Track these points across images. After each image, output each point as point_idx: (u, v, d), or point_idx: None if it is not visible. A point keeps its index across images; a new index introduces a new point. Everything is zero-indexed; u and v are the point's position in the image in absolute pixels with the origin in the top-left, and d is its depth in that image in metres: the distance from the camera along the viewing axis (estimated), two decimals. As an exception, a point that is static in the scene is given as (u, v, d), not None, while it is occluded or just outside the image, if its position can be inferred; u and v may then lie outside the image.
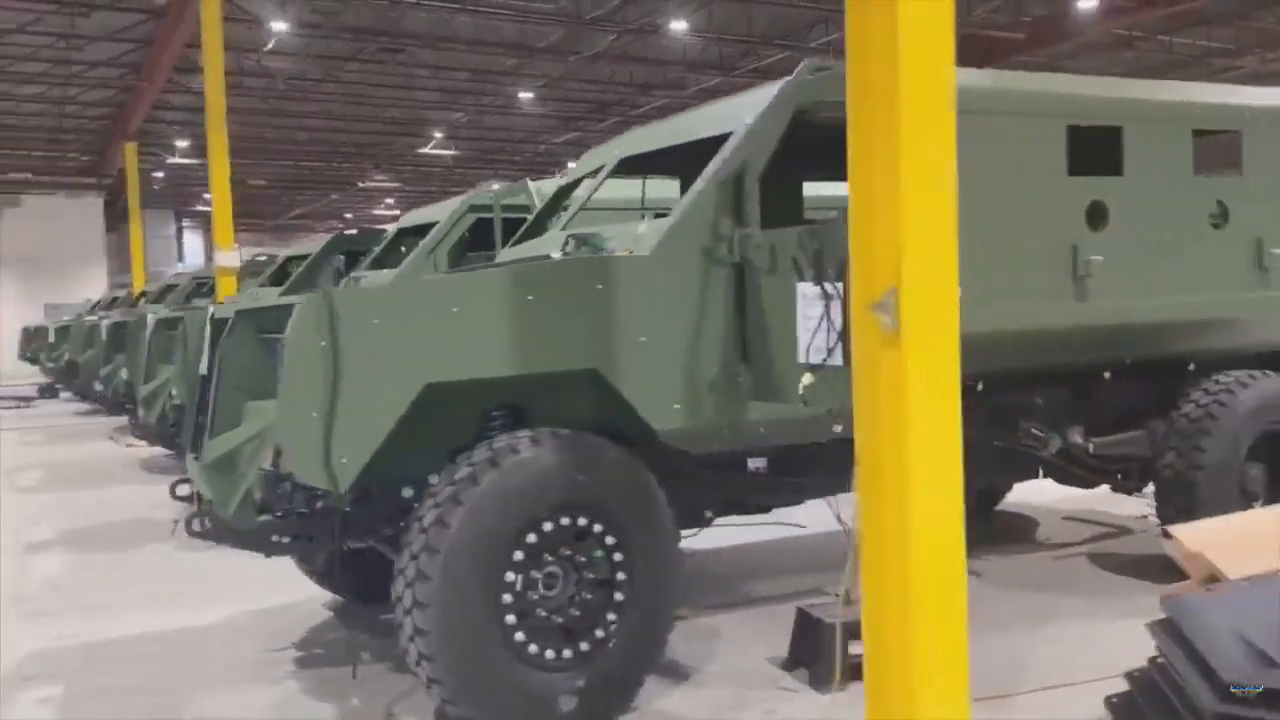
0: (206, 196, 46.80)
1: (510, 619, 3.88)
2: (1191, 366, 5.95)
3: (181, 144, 32.53)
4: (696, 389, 4.39)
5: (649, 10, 19.41)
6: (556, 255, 4.67)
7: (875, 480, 3.27)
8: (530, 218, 6.40)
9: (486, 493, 3.79)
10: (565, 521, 4.02)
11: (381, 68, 23.25)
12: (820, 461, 5.03)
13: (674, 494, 4.48)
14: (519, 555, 3.91)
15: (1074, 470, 5.92)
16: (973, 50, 21.65)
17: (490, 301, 3.98)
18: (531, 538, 3.93)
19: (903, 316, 3.18)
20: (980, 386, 5.38)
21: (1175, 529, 3.61)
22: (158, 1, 16.07)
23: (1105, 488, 6.29)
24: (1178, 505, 5.53)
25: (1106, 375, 5.78)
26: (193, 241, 56.97)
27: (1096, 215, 5.30)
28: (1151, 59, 24.51)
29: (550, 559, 4.02)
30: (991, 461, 5.65)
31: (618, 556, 4.13)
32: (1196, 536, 3.52)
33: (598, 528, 4.08)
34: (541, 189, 7.69)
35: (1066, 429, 5.79)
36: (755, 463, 4.99)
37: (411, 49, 21.44)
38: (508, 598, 3.88)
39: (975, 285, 4.97)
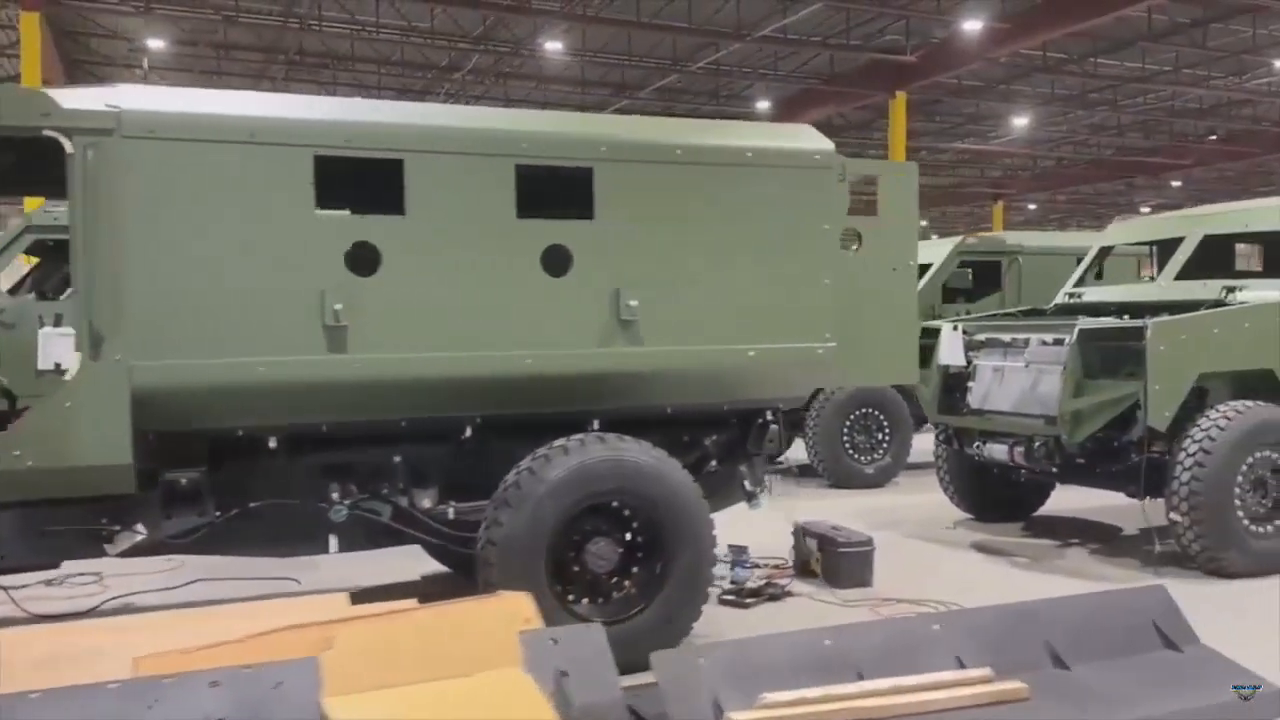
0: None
1: None
2: (595, 425, 5.30)
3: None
4: None
5: (527, 31, 19.06)
6: None
7: None
8: None
9: None
10: None
11: (293, 87, 23.30)
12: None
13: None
14: None
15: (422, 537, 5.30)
16: (884, 74, 20.87)
17: None
18: None
19: None
20: (273, 444, 4.84)
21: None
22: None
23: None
24: (482, 584, 4.88)
25: (468, 433, 5.15)
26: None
27: (362, 259, 4.71)
28: (1092, 83, 23.34)
29: None
30: (290, 527, 5.06)
31: None
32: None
33: None
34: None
35: (415, 492, 5.19)
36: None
37: (313, 68, 21.43)
38: None
39: (210, 332, 4.46)
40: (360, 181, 4.89)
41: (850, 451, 10.61)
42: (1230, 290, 7.50)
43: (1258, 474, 6.78)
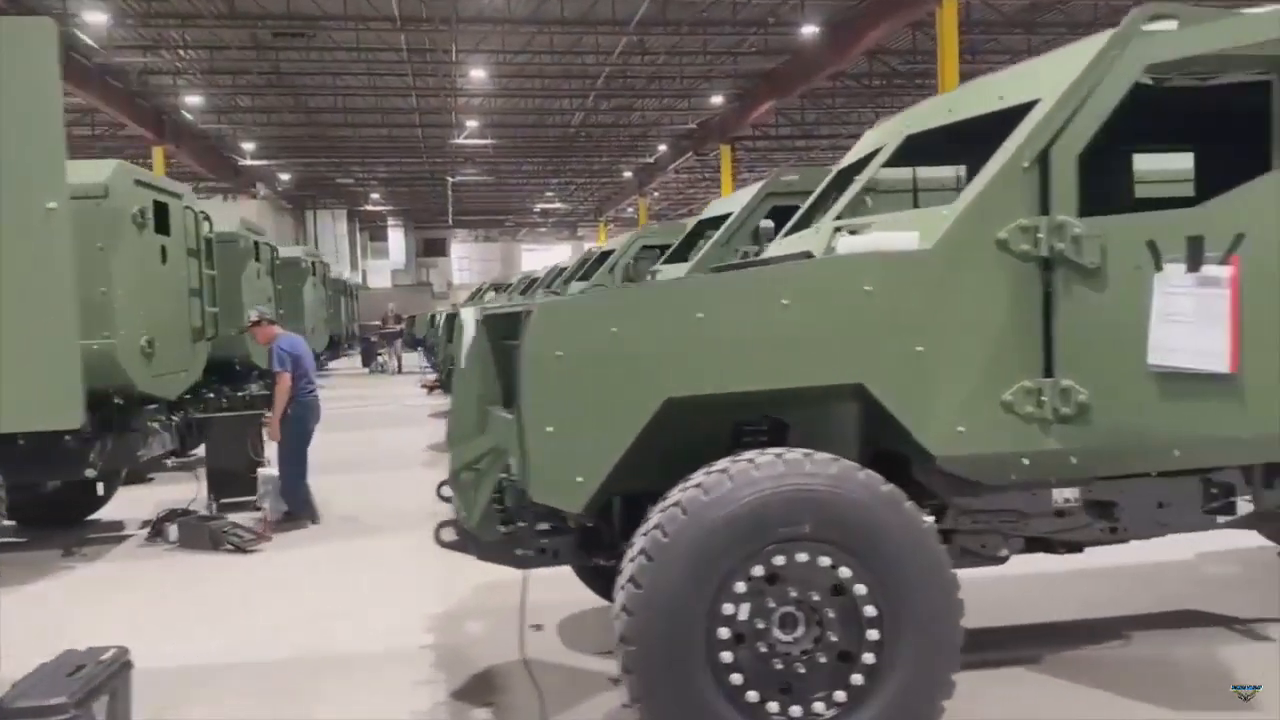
0: (375, 196, 48.34)
1: None
2: None
3: (248, 145, 33.21)
4: None
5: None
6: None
7: None
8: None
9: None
10: None
11: (309, 55, 21.88)
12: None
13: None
14: None
15: None
16: None
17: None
18: None
19: None
20: None
21: None
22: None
23: None
24: None
25: None
26: (395, 238, 58.75)
27: None
28: None
29: None
30: None
31: None
32: None
33: None
34: None
35: None
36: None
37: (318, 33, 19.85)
38: None
39: None
40: None
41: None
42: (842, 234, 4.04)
43: (793, 596, 3.41)
